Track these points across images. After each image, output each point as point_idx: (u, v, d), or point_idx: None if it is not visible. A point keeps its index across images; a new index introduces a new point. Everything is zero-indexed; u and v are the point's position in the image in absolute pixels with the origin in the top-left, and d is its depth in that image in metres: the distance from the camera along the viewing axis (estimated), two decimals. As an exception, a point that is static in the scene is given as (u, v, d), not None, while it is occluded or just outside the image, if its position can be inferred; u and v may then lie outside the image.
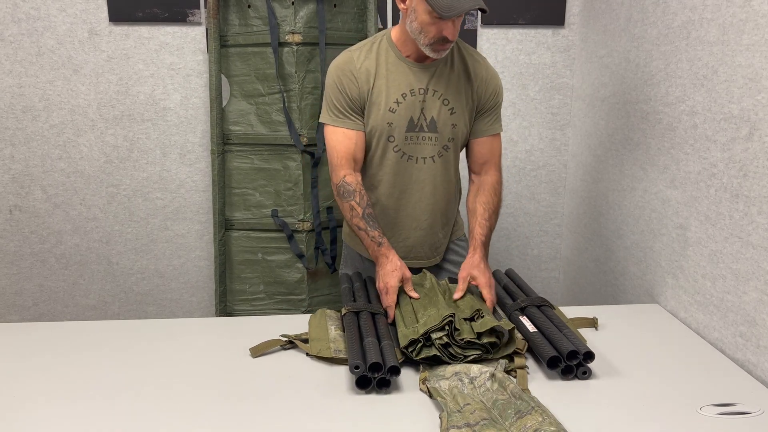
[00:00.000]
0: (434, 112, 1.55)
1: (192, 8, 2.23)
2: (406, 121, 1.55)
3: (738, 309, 1.35)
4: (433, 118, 1.55)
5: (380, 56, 1.55)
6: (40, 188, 2.39)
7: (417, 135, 1.56)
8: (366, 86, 1.54)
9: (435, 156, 1.59)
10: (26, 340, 1.43)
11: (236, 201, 2.29)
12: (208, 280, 2.54)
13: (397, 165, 1.59)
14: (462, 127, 1.59)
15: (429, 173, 1.60)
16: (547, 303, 1.46)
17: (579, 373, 1.23)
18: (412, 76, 1.54)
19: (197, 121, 2.36)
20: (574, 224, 2.45)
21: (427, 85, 1.54)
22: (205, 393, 1.19)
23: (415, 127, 1.55)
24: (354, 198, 1.54)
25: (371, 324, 1.34)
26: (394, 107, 1.54)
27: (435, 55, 1.47)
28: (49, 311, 2.54)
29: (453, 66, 1.56)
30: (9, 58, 2.24)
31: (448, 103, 1.55)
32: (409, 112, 1.54)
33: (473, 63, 1.59)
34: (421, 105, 1.54)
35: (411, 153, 1.58)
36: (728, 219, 1.38)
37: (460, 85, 1.56)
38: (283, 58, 2.16)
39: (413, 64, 1.54)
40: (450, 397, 1.12)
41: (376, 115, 1.54)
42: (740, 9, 1.34)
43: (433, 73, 1.54)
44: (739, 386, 1.21)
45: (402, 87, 1.54)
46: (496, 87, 1.61)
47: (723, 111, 1.40)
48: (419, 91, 1.54)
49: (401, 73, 1.54)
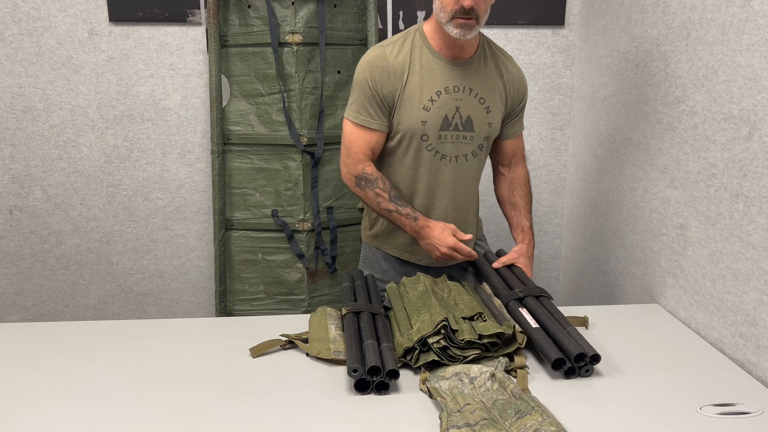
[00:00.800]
0: (470, 110, 1.54)
1: (192, 8, 2.23)
2: (440, 119, 1.52)
3: (738, 309, 1.35)
4: (470, 117, 1.54)
5: (414, 51, 1.52)
6: (41, 188, 2.39)
7: (452, 134, 1.54)
8: (399, 83, 1.50)
9: (469, 155, 1.59)
10: (26, 340, 1.43)
11: (236, 201, 2.29)
12: (208, 280, 2.54)
13: (430, 164, 1.57)
14: (496, 126, 1.60)
15: (462, 172, 1.60)
16: (546, 294, 1.46)
17: (582, 371, 1.23)
18: (447, 74, 1.51)
19: (197, 121, 2.36)
20: (574, 224, 2.45)
21: (463, 84, 1.53)
22: (205, 393, 1.19)
23: (450, 126, 1.54)
24: (377, 185, 1.54)
25: (371, 325, 1.34)
26: (428, 105, 1.51)
27: (459, 33, 1.42)
28: (49, 311, 2.54)
29: (486, 64, 1.57)
30: (9, 58, 2.24)
31: (484, 102, 1.55)
32: (444, 110, 1.52)
33: (505, 62, 1.61)
34: (457, 103, 1.53)
35: (445, 152, 1.56)
36: (728, 219, 1.38)
37: (494, 83, 1.57)
38: (283, 58, 2.16)
39: (448, 62, 1.52)
40: (450, 397, 1.12)
41: (409, 113, 1.51)
42: (740, 9, 1.34)
43: (469, 71, 1.54)
44: (739, 386, 1.21)
45: (437, 85, 1.51)
46: (525, 87, 1.64)
47: (723, 111, 1.40)
48: (454, 89, 1.52)
49: (436, 71, 1.51)
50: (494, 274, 1.57)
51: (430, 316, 1.29)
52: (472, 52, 1.55)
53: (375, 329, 1.33)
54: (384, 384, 1.17)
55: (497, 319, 1.37)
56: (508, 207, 1.72)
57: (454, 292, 1.45)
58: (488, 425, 1.01)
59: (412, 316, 1.36)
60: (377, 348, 1.24)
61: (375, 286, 1.57)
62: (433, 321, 1.27)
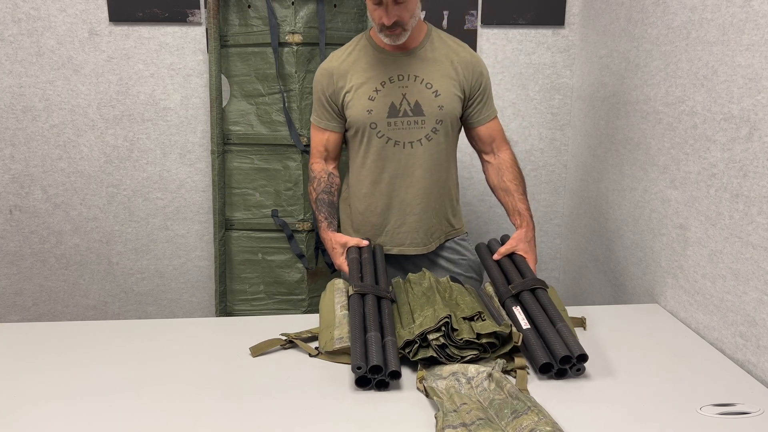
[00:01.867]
0: (417, 96, 1.60)
1: (192, 8, 2.23)
2: (387, 107, 1.60)
3: (738, 309, 1.35)
4: (418, 102, 1.59)
5: (360, 52, 1.64)
6: (41, 188, 2.39)
7: (402, 120, 1.60)
8: (342, 82, 1.63)
9: (423, 139, 1.62)
10: (26, 340, 1.43)
11: (236, 201, 2.29)
12: (208, 280, 2.54)
13: (383, 150, 1.64)
14: (449, 109, 1.61)
15: (418, 157, 1.63)
16: (542, 285, 1.45)
17: (573, 371, 1.23)
18: (390, 65, 1.61)
19: (197, 121, 2.36)
20: (574, 224, 2.45)
21: (407, 72, 1.60)
22: (205, 393, 1.19)
23: (398, 113, 1.60)
24: (312, 183, 1.73)
25: (376, 311, 1.34)
26: (373, 95, 1.60)
27: (390, 41, 1.54)
28: (49, 311, 2.54)
29: (434, 51, 1.62)
30: (9, 58, 2.24)
31: (432, 86, 1.60)
32: (389, 98, 1.60)
33: (455, 47, 1.65)
34: (403, 91, 1.59)
35: (398, 138, 1.62)
36: (728, 219, 1.38)
37: (443, 69, 1.61)
38: (283, 58, 2.16)
39: (391, 53, 1.61)
40: (446, 397, 1.12)
41: (355, 107, 1.61)
42: (740, 9, 1.34)
43: (413, 59, 1.61)
44: (739, 386, 1.21)
45: (381, 76, 1.60)
46: (480, 69, 1.65)
47: (723, 111, 1.40)
48: (398, 78, 1.60)
49: (379, 63, 1.61)
50: (495, 266, 1.57)
51: (434, 312, 1.30)
52: (417, 42, 1.62)
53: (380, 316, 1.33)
54: (384, 383, 1.18)
55: (496, 320, 1.38)
56: (501, 193, 1.71)
57: (455, 293, 1.46)
58: (484, 425, 1.01)
59: (415, 310, 1.37)
60: (380, 342, 1.24)
61: (383, 257, 1.61)
62: (436, 317, 1.27)
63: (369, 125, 1.62)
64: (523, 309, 1.38)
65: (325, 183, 1.73)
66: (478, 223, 2.56)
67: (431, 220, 1.71)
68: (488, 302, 1.49)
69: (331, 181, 1.75)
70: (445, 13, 2.29)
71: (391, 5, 1.47)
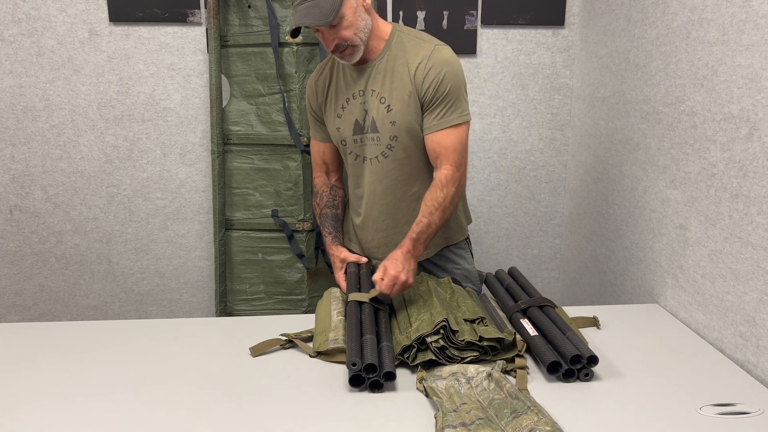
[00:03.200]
0: (374, 112, 1.55)
1: (192, 8, 2.23)
2: (352, 124, 1.58)
3: (738, 309, 1.35)
4: (373, 119, 1.55)
5: (334, 67, 1.63)
6: (41, 188, 2.39)
7: (365, 137, 1.58)
8: (322, 97, 1.65)
9: (379, 156, 1.58)
10: (26, 340, 1.43)
11: (236, 201, 2.30)
12: (209, 280, 2.54)
13: (353, 167, 1.65)
14: (402, 124, 1.52)
15: (377, 174, 1.60)
16: (550, 303, 1.46)
17: (581, 375, 1.22)
18: (352, 81, 1.58)
19: (197, 121, 2.36)
20: (573, 224, 2.45)
21: (366, 87, 1.56)
22: (205, 392, 1.19)
23: (363, 129, 1.58)
24: (315, 199, 1.76)
25: (372, 318, 1.35)
26: (340, 112, 1.60)
27: (345, 62, 1.53)
28: (49, 311, 2.54)
29: (390, 61, 1.53)
30: (9, 58, 2.25)
31: (385, 101, 1.53)
32: (353, 115, 1.58)
33: (414, 52, 1.51)
34: (365, 107, 1.56)
35: (363, 155, 1.61)
36: (728, 219, 1.38)
37: (397, 80, 1.51)
38: (284, 59, 2.16)
39: (353, 69, 1.58)
40: (446, 397, 1.12)
41: (330, 122, 1.64)
42: (740, 9, 1.34)
43: (370, 73, 1.55)
44: (738, 386, 1.21)
45: (346, 92, 1.59)
46: (438, 75, 1.48)
47: (723, 111, 1.40)
48: (359, 94, 1.57)
49: (346, 79, 1.60)
50: (503, 290, 1.58)
51: (430, 316, 1.30)
52: (375, 54, 1.55)
53: (376, 323, 1.34)
54: (378, 383, 1.18)
55: (498, 326, 1.37)
56: None
57: (457, 294, 1.45)
58: (484, 425, 1.01)
59: (412, 314, 1.36)
60: (376, 345, 1.24)
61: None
62: (432, 321, 1.27)
63: (340, 142, 1.63)
64: (530, 322, 1.39)
65: (327, 197, 1.74)
66: (478, 223, 2.56)
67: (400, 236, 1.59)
68: (491, 309, 1.49)
69: (334, 194, 1.74)
70: (445, 13, 2.29)
71: (326, 31, 1.44)
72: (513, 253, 2.62)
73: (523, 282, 1.59)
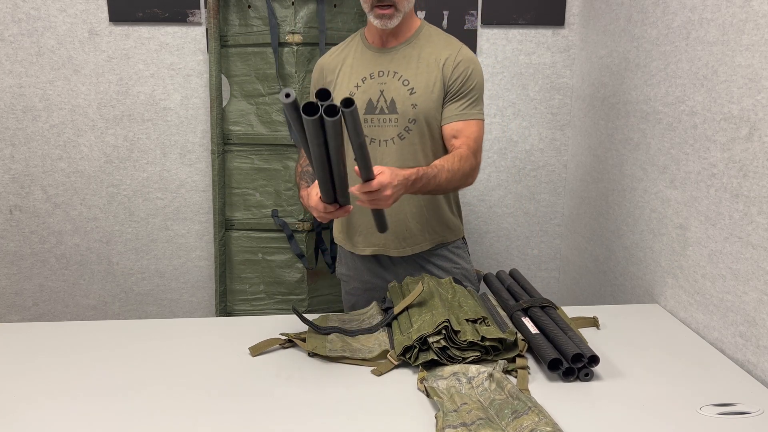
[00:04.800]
0: (394, 93, 1.56)
1: (192, 8, 2.23)
2: (365, 103, 1.58)
3: (738, 309, 1.35)
4: (393, 99, 1.56)
5: (350, 48, 1.66)
6: (41, 188, 2.39)
7: (377, 117, 1.58)
8: (331, 77, 1.65)
9: (395, 138, 1.57)
10: (26, 340, 1.43)
11: (236, 201, 2.29)
12: (209, 280, 2.54)
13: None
14: (423, 108, 1.54)
15: (391, 156, 1.58)
16: (551, 304, 1.46)
17: (581, 375, 1.22)
18: (374, 61, 1.60)
19: (197, 121, 2.36)
20: (574, 224, 2.45)
21: (387, 68, 1.58)
22: (205, 392, 1.19)
23: (375, 110, 1.58)
24: (300, 160, 1.73)
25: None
26: (353, 91, 1.60)
27: (380, 23, 1.51)
28: (49, 311, 2.54)
29: (417, 48, 1.59)
30: (9, 58, 2.25)
31: (408, 83, 1.56)
32: (368, 94, 1.58)
33: (443, 46, 1.58)
34: (381, 87, 1.57)
35: (373, 136, 1.59)
36: (728, 219, 1.38)
37: (423, 66, 1.56)
38: (284, 58, 2.16)
39: (376, 50, 1.61)
40: (447, 397, 1.12)
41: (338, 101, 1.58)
42: (740, 9, 1.34)
43: (395, 55, 1.59)
44: (738, 386, 1.21)
45: (362, 72, 1.60)
46: (466, 69, 1.55)
47: (723, 111, 1.40)
48: (378, 74, 1.58)
49: (365, 60, 1.61)
50: (503, 290, 1.58)
51: (432, 316, 1.29)
52: (403, 39, 1.60)
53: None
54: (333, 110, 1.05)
55: (500, 326, 1.37)
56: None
57: (459, 294, 1.45)
58: (484, 425, 1.01)
59: (413, 315, 1.36)
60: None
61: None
62: (434, 321, 1.27)
63: None
64: (531, 321, 1.39)
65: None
66: (478, 223, 2.56)
67: (406, 224, 1.63)
68: (492, 309, 1.49)
69: None
70: (445, 13, 2.29)
71: None
72: (513, 253, 2.62)
73: (524, 283, 1.60)
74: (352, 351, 1.32)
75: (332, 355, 1.30)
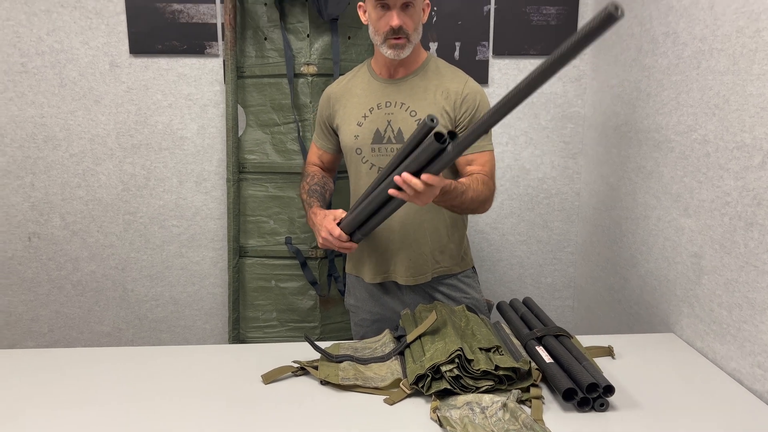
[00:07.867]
0: (401, 123, 1.59)
1: (210, 41, 2.28)
2: (372, 133, 1.61)
3: (755, 339, 1.33)
4: (400, 130, 1.59)
5: (357, 78, 1.69)
6: (59, 215, 2.43)
7: (385, 147, 1.60)
8: (337, 105, 1.68)
9: None
10: (41, 366, 1.44)
11: (250, 228, 2.31)
12: (222, 307, 2.55)
13: (367, 177, 1.64)
14: None
15: None
16: (565, 333, 1.45)
17: (596, 405, 1.21)
18: (381, 91, 1.63)
19: (213, 150, 2.40)
20: (587, 252, 2.44)
21: (395, 99, 1.61)
22: (218, 419, 1.19)
23: (382, 139, 1.60)
24: (306, 179, 1.74)
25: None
26: (361, 121, 1.62)
27: (393, 54, 1.53)
28: (64, 337, 2.56)
29: (424, 80, 1.61)
30: (32, 89, 2.31)
31: (415, 114, 1.59)
32: (375, 124, 1.61)
33: (450, 78, 1.62)
34: (388, 117, 1.60)
35: (381, 164, 1.61)
36: (743, 247, 1.38)
37: (430, 97, 1.59)
38: (298, 89, 2.20)
39: (384, 80, 1.64)
40: (460, 427, 1.11)
41: (345, 130, 1.65)
42: (750, 39, 1.35)
43: (402, 86, 1.62)
44: (757, 418, 1.19)
45: (370, 102, 1.63)
46: (474, 102, 1.59)
47: (735, 140, 1.40)
48: (386, 105, 1.61)
49: (372, 90, 1.64)
50: (517, 318, 1.57)
51: (444, 345, 1.29)
52: (410, 70, 1.63)
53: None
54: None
55: (514, 355, 1.36)
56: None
57: (472, 323, 1.45)
58: (502, 456, 1.00)
59: (425, 343, 1.35)
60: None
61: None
62: (447, 350, 1.26)
63: (355, 150, 1.63)
64: (546, 350, 1.38)
65: (319, 178, 1.73)
66: (491, 251, 2.55)
67: (416, 251, 1.64)
68: (506, 338, 1.48)
69: (326, 181, 1.75)
70: (457, 44, 2.33)
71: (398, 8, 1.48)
72: (527, 281, 2.61)
73: (538, 312, 1.59)
74: (365, 379, 1.31)
75: (344, 384, 1.30)
